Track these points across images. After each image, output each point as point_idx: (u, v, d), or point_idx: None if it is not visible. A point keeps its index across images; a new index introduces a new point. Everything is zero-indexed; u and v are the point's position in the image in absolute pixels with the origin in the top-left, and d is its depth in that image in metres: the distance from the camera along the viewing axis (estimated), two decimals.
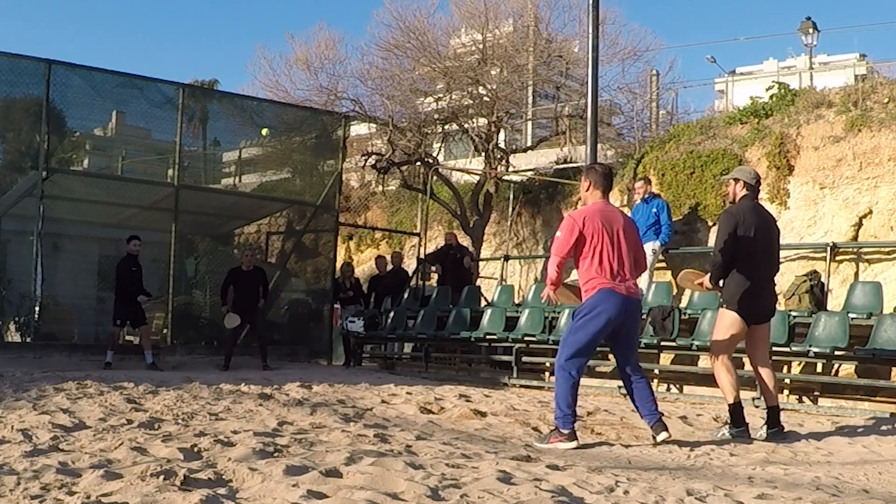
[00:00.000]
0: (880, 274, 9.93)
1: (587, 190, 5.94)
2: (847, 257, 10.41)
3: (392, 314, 13.14)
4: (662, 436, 5.65)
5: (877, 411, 7.85)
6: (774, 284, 6.55)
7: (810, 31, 23.47)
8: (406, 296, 13.78)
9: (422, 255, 14.73)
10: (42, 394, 7.40)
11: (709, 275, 6.31)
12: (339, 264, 15.18)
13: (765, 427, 6.17)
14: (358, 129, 20.88)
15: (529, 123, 21.28)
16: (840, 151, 11.01)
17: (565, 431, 5.61)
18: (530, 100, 20.08)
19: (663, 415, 5.84)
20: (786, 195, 11.44)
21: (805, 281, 9.63)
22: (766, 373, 6.26)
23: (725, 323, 6.17)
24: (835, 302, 9.70)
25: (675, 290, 10.57)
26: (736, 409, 6.11)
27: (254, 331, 12.38)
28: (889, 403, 8.14)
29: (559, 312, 10.74)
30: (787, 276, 10.51)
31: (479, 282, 14.65)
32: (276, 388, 8.50)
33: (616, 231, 5.72)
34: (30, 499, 3.54)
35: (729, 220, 6.13)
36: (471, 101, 17.42)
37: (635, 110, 17.35)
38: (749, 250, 6.08)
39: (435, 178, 16.50)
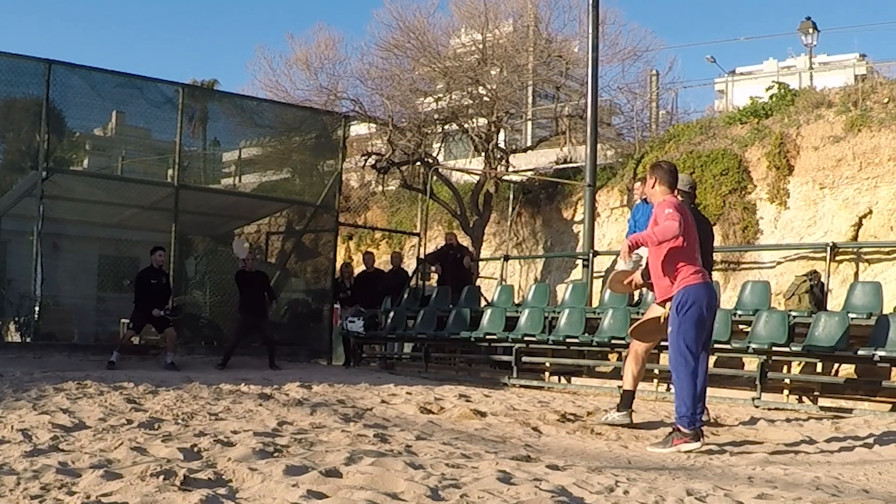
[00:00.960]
0: (880, 274, 9.93)
1: (653, 186, 6.10)
2: (847, 257, 10.41)
3: (392, 314, 13.14)
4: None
5: (877, 411, 7.86)
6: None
7: (810, 31, 23.47)
8: (406, 296, 13.77)
9: (422, 255, 14.73)
10: (42, 394, 7.40)
11: (639, 271, 6.48)
12: (339, 264, 15.17)
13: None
14: (358, 129, 20.86)
15: (529, 123, 21.28)
16: (840, 151, 11.01)
17: (689, 431, 5.63)
18: (530, 100, 20.07)
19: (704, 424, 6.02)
20: (786, 195, 11.44)
21: (805, 281, 9.63)
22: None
23: (653, 318, 6.32)
24: (835, 302, 9.70)
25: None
26: (629, 396, 6.49)
27: (261, 332, 12.40)
28: (889, 403, 8.15)
29: (559, 313, 10.74)
30: (787, 276, 10.52)
31: (479, 282, 14.65)
32: (276, 388, 8.50)
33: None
34: (30, 499, 3.54)
35: None
36: (471, 101, 17.42)
37: (635, 110, 17.36)
38: None
39: (435, 178, 16.50)
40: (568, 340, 10.15)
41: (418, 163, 17.21)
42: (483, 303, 12.95)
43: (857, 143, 10.91)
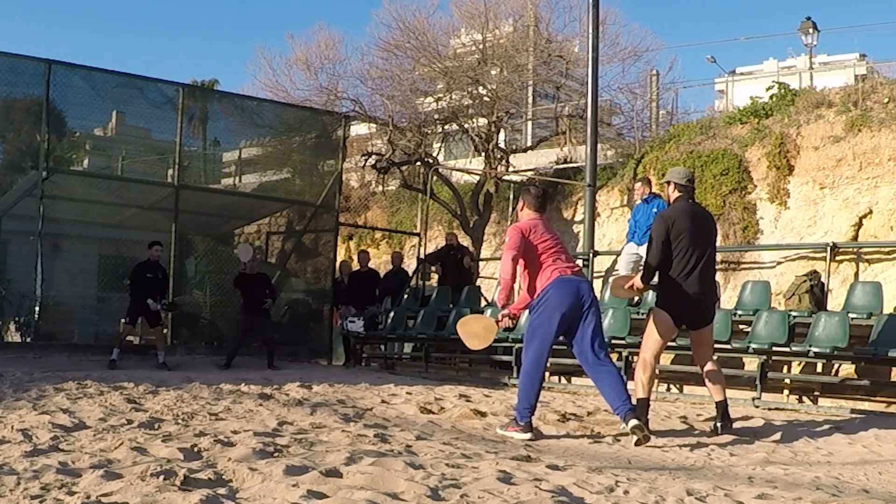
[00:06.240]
0: (880, 274, 9.93)
1: (521, 209, 6.42)
2: (847, 257, 10.41)
3: (392, 314, 13.13)
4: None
5: (877, 411, 7.86)
6: (716, 287, 6.63)
7: (810, 31, 23.48)
8: (406, 296, 13.77)
9: (422, 255, 14.72)
10: (42, 394, 7.40)
11: (639, 274, 6.43)
12: (339, 264, 15.16)
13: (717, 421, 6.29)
14: (358, 129, 20.87)
15: (529, 123, 21.27)
16: (840, 151, 11.02)
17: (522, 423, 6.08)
18: (530, 100, 20.07)
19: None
20: (786, 195, 11.44)
21: (805, 281, 9.64)
22: (710, 369, 6.34)
23: (655, 322, 6.22)
24: (835, 302, 9.70)
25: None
26: (644, 405, 6.13)
27: (264, 331, 12.40)
28: (889, 403, 8.15)
29: None
30: (787, 276, 10.53)
31: (479, 282, 14.65)
32: (276, 388, 8.50)
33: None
34: (30, 499, 3.54)
35: (659, 225, 6.20)
36: (471, 101, 17.42)
37: (635, 110, 17.37)
38: (682, 254, 6.11)
39: (435, 178, 16.50)
40: None
41: (418, 163, 17.22)
42: (483, 303, 12.94)
43: (858, 143, 10.92)
